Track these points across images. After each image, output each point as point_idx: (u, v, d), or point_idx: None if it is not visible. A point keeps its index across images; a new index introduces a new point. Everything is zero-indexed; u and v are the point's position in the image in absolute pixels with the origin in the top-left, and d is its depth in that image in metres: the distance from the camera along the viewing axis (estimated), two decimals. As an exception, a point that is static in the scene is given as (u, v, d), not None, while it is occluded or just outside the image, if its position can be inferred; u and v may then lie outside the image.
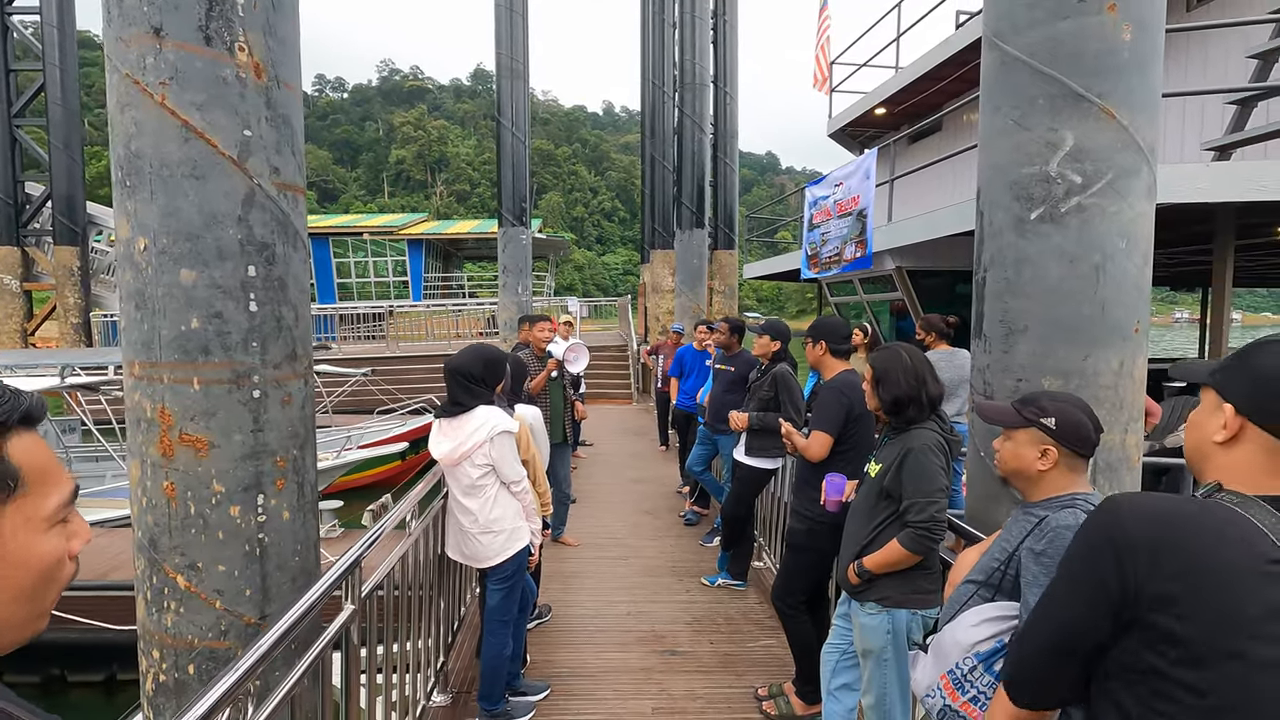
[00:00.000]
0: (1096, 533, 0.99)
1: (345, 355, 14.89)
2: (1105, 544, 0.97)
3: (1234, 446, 1.01)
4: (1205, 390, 1.09)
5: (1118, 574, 0.94)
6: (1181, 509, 0.95)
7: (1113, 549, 0.95)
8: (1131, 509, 0.97)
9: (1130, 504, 0.98)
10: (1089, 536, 1.01)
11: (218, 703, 1.23)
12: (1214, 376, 1.07)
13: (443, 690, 3.22)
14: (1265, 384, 0.99)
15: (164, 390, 2.24)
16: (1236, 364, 1.04)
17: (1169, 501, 0.98)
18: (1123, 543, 0.94)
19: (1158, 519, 0.94)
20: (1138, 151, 2.34)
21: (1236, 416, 1.01)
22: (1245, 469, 1.00)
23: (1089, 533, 1.01)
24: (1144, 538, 0.93)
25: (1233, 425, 1.01)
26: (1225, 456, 1.02)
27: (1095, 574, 0.97)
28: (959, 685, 1.45)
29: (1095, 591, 0.96)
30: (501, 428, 2.77)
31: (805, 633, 3.08)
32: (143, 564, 2.32)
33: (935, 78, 9.47)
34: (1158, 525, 0.93)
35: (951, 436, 2.33)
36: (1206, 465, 1.06)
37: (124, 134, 2.21)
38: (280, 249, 2.37)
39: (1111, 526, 0.97)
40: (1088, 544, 1.00)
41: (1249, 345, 1.05)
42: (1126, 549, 0.94)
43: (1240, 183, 4.46)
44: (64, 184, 17.60)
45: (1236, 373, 1.03)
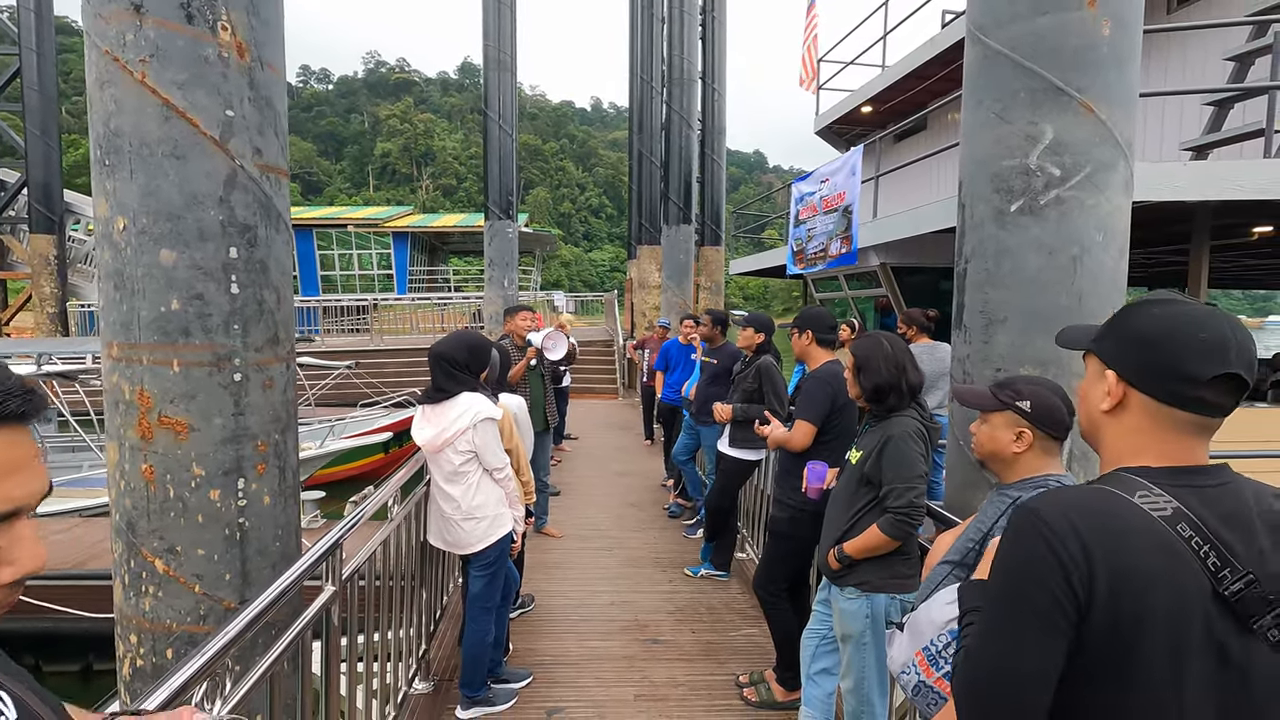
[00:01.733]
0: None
1: (328, 348, 14.76)
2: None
3: (1121, 414, 0.97)
4: (1089, 358, 1.04)
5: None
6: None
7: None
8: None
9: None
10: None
11: (194, 677, 1.22)
12: (1097, 343, 1.02)
13: (424, 678, 3.22)
14: (1144, 347, 0.95)
15: (143, 372, 2.21)
16: (1115, 328, 1.00)
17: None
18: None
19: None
20: (1115, 146, 2.38)
21: (1119, 383, 0.97)
22: (1139, 442, 0.96)
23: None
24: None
25: (1116, 393, 0.97)
26: (1114, 428, 0.98)
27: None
28: (933, 661, 1.48)
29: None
30: (485, 414, 2.77)
31: (786, 620, 3.10)
32: (120, 548, 2.29)
33: (920, 76, 9.55)
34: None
35: (931, 425, 2.36)
36: (1100, 440, 1.02)
37: (103, 112, 2.18)
38: (262, 231, 2.35)
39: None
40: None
41: (1126, 307, 1.01)
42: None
43: (1217, 182, 4.55)
44: (40, 171, 17.25)
45: (1115, 338, 0.99)
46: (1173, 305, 0.96)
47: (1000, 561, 0.95)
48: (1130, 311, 1.00)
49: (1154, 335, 0.94)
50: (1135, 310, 0.99)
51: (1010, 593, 0.92)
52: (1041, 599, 0.87)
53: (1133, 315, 0.99)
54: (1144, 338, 0.95)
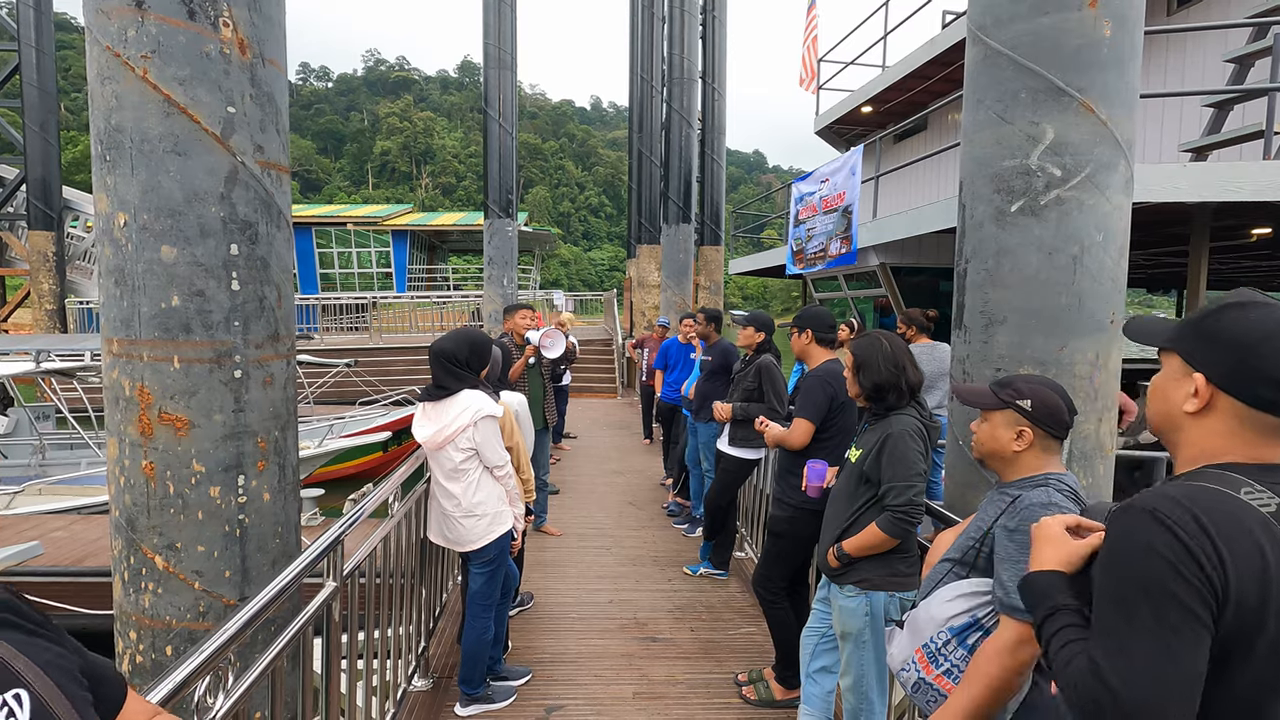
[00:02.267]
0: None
1: (328, 346, 14.75)
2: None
3: (1206, 416, 0.97)
4: (1167, 355, 1.03)
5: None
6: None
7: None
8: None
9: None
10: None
11: (196, 671, 1.22)
12: (1179, 344, 1.01)
13: (424, 675, 3.22)
14: (1239, 353, 0.93)
15: (143, 368, 2.21)
16: (1202, 329, 0.98)
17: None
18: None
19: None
20: (1115, 146, 2.38)
21: (1208, 386, 0.96)
22: (1223, 441, 0.95)
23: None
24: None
25: (1204, 395, 0.96)
26: (1198, 428, 0.98)
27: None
28: (933, 658, 1.48)
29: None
30: (485, 412, 2.77)
31: (785, 619, 3.11)
32: (120, 544, 2.29)
33: (921, 76, 9.55)
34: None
35: (930, 423, 2.36)
36: (1181, 438, 1.01)
37: (104, 107, 2.18)
38: (263, 228, 2.36)
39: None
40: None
41: (1212, 308, 0.99)
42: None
43: (1216, 183, 4.55)
44: (39, 167, 17.22)
45: (1204, 339, 0.98)
46: (1264, 309, 0.95)
47: (1123, 561, 0.90)
48: (1220, 314, 0.97)
49: (1250, 340, 0.93)
50: (1225, 313, 0.97)
51: (1146, 592, 0.87)
52: (1186, 595, 0.84)
53: (1224, 319, 0.97)
54: (1239, 342, 0.94)
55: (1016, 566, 1.42)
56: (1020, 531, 1.44)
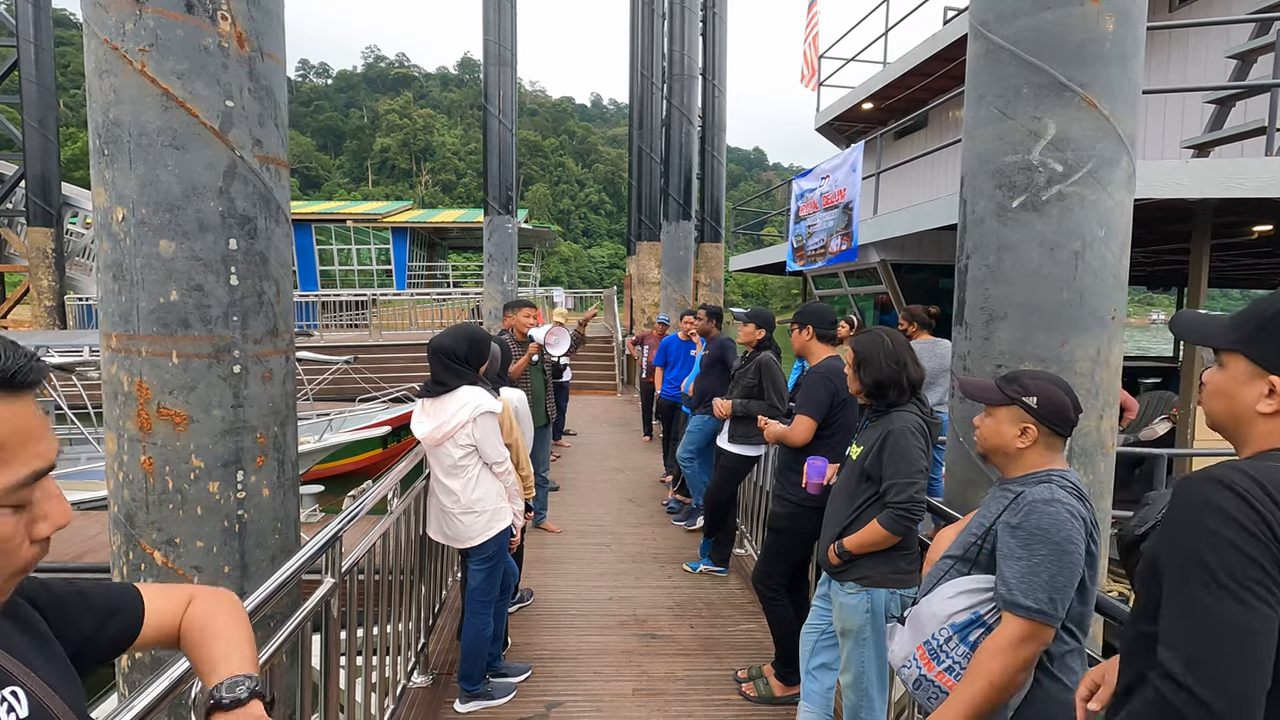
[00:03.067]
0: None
1: (327, 343, 14.73)
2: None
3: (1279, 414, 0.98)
4: (1231, 356, 1.04)
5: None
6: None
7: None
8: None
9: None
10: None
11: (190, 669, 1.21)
12: (1251, 348, 1.02)
13: (423, 671, 3.21)
14: None
15: (142, 363, 2.20)
16: (1272, 331, 0.99)
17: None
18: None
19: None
20: (1118, 141, 2.37)
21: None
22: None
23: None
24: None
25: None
26: (1270, 424, 0.99)
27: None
28: (934, 655, 1.48)
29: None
30: (485, 408, 2.76)
31: (785, 616, 3.10)
32: (119, 540, 2.29)
33: (922, 73, 9.53)
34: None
35: (932, 420, 2.36)
36: (1250, 432, 1.02)
37: (102, 101, 2.17)
38: (262, 223, 2.34)
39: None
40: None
41: (1274, 311, 1.00)
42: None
43: (1218, 180, 4.54)
44: (38, 164, 17.19)
45: (1277, 341, 0.99)
46: None
47: (1195, 532, 0.91)
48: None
49: None
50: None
51: (1219, 559, 0.88)
52: (1264, 556, 0.86)
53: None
54: None
55: (1019, 563, 1.41)
56: (1023, 528, 1.43)
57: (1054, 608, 1.39)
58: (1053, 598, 1.38)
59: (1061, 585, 1.39)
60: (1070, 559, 1.39)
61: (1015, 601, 1.39)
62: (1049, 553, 1.39)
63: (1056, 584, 1.39)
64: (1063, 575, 1.39)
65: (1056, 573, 1.39)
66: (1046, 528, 1.40)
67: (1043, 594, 1.38)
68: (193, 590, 1.00)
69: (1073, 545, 1.40)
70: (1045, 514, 1.41)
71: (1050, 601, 1.38)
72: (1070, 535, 1.40)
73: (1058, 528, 1.40)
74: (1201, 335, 1.10)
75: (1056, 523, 1.40)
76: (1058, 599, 1.39)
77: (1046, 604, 1.38)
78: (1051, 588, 1.38)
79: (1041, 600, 1.38)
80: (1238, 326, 1.04)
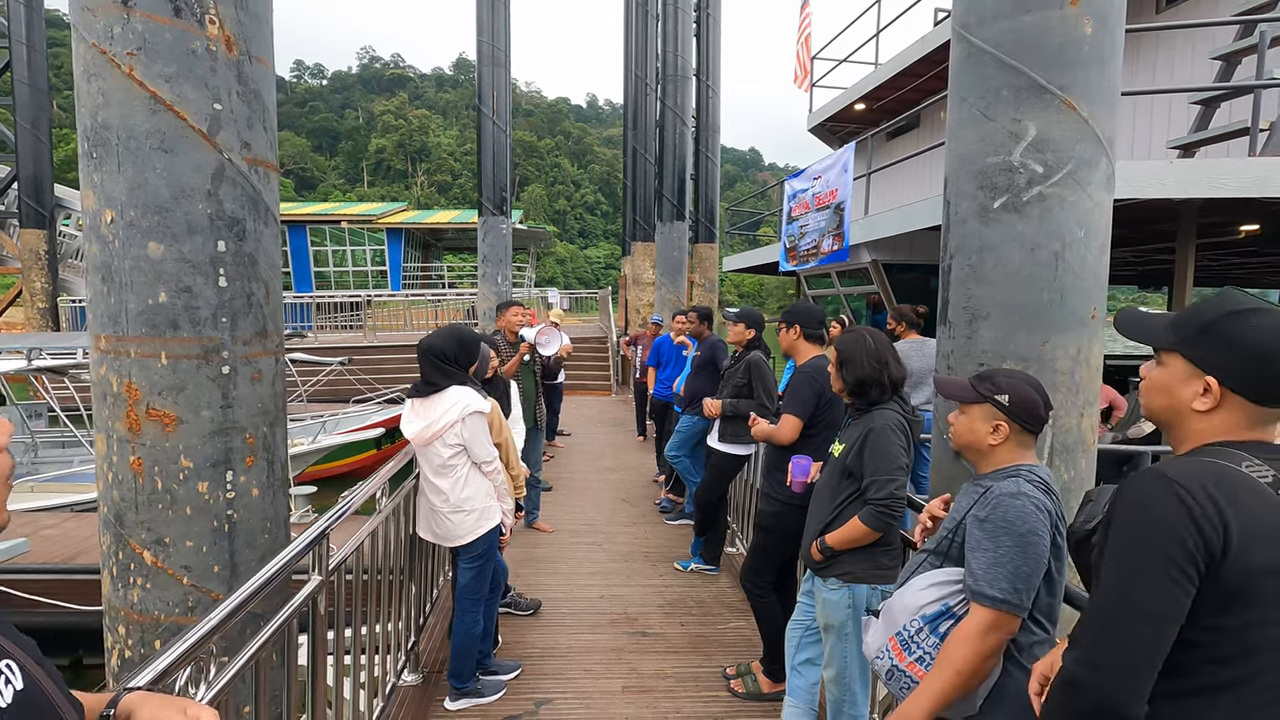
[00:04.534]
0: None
1: (322, 344, 14.72)
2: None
3: (1214, 412, 1.06)
4: (1170, 355, 1.11)
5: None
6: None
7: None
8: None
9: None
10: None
11: (177, 662, 1.24)
12: (1188, 349, 1.08)
13: (413, 670, 3.23)
14: (1256, 363, 1.02)
15: (131, 364, 2.22)
16: (1213, 336, 1.06)
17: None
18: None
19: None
20: (1097, 143, 2.41)
21: (1221, 388, 1.05)
22: (1225, 429, 1.05)
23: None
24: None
25: (1216, 396, 1.05)
26: (1205, 421, 1.07)
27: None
28: (905, 646, 1.51)
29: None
30: (473, 408, 2.79)
31: (772, 613, 3.13)
32: (109, 540, 2.31)
33: (913, 74, 9.58)
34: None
35: (913, 418, 2.39)
36: (1186, 426, 1.10)
37: (91, 104, 2.19)
38: (251, 225, 2.36)
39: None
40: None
41: (1213, 313, 1.07)
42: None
43: (1203, 180, 4.59)
44: (31, 165, 17.14)
45: (1217, 347, 1.05)
46: (1269, 317, 1.04)
47: (1130, 522, 1.00)
48: (1229, 322, 1.05)
49: (1266, 351, 1.02)
50: (1235, 321, 1.05)
51: (1143, 547, 0.97)
52: (1177, 554, 0.95)
53: (1237, 327, 1.04)
54: (1256, 353, 1.03)
55: (986, 554, 1.45)
56: (990, 521, 1.47)
57: (1018, 597, 1.43)
58: (1017, 588, 1.43)
59: (1026, 575, 1.43)
60: (1035, 550, 1.44)
61: (981, 591, 1.43)
62: (1013, 544, 1.43)
63: (1020, 574, 1.43)
64: (1027, 565, 1.43)
65: (1021, 563, 1.43)
66: (1012, 520, 1.44)
67: (1007, 584, 1.42)
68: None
69: (1037, 537, 1.44)
70: (1011, 507, 1.45)
71: (1015, 591, 1.42)
72: (1035, 527, 1.44)
73: (1022, 520, 1.44)
74: (1142, 333, 1.16)
75: (1021, 515, 1.44)
76: (1022, 589, 1.43)
77: (1011, 594, 1.42)
78: (1016, 578, 1.43)
79: (1006, 590, 1.42)
80: (1178, 328, 1.10)
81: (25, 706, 0.72)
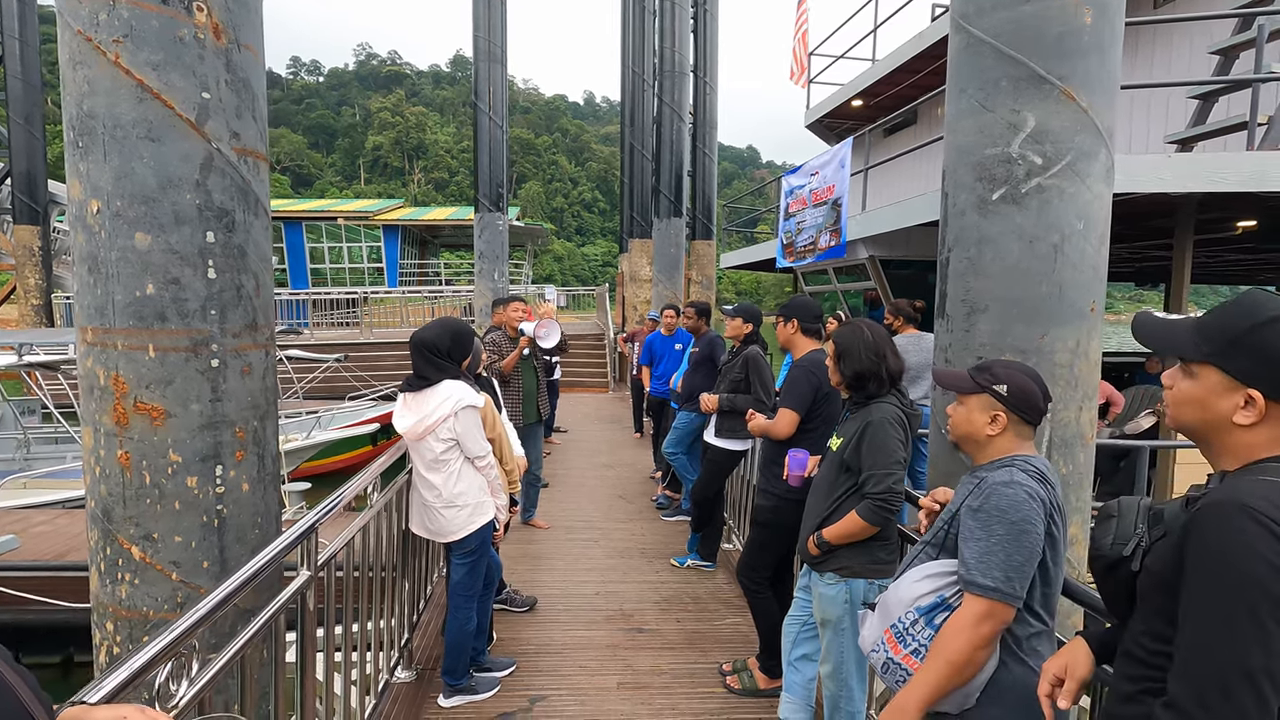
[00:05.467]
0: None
1: (318, 341, 14.67)
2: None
3: (1258, 425, 0.99)
4: (1203, 367, 1.03)
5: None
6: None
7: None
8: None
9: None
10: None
11: (156, 657, 1.21)
12: (1222, 360, 1.01)
13: (407, 667, 3.21)
14: None
15: (118, 357, 2.19)
16: (1252, 347, 0.98)
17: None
18: None
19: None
20: (1096, 134, 2.39)
21: (1265, 400, 0.97)
22: (1273, 441, 0.98)
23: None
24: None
25: (1261, 409, 0.98)
26: (1251, 435, 1.00)
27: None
28: (900, 638, 1.49)
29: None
30: (466, 402, 2.76)
31: (769, 609, 3.11)
32: (96, 535, 2.27)
33: (910, 70, 9.55)
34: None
35: (911, 411, 2.36)
36: (1228, 441, 1.03)
37: (76, 93, 2.15)
38: (240, 216, 2.33)
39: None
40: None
41: (1251, 320, 0.99)
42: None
43: (1201, 174, 4.57)
44: (24, 161, 17.05)
45: (1258, 357, 0.98)
46: None
47: (1225, 564, 0.91)
48: (1270, 330, 0.98)
49: None
50: (1268, 326, 0.98)
51: (1245, 594, 0.88)
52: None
53: (1267, 332, 0.98)
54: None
55: (978, 543, 1.44)
56: (983, 510, 1.45)
57: (1011, 586, 1.41)
58: (1009, 576, 1.41)
59: (1019, 564, 1.42)
60: (1028, 539, 1.42)
61: (973, 580, 1.41)
62: (1006, 533, 1.41)
63: (1013, 563, 1.41)
64: (1019, 554, 1.41)
65: (1013, 552, 1.41)
66: (1004, 509, 1.43)
67: (999, 573, 1.41)
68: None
69: (1030, 526, 1.42)
70: (1004, 495, 1.44)
71: (1007, 580, 1.41)
72: (1028, 516, 1.42)
73: (1015, 508, 1.42)
74: (1168, 344, 1.09)
75: (1014, 504, 1.43)
76: (1015, 578, 1.42)
77: (1004, 582, 1.41)
78: (1008, 567, 1.41)
79: (999, 579, 1.41)
80: (1207, 338, 1.03)
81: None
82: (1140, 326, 1.13)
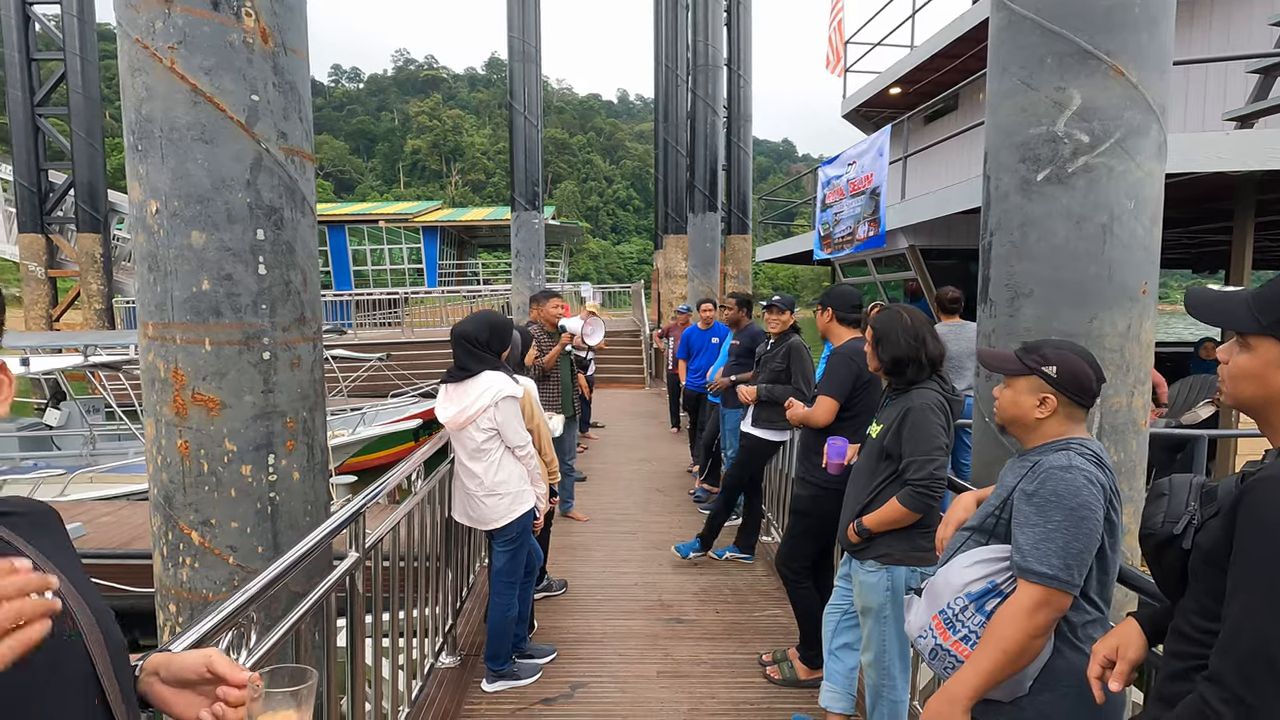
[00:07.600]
0: None
1: (361, 341, 15.04)
2: None
3: None
4: (1260, 340, 1.00)
5: None
6: None
7: None
8: None
9: None
10: None
11: (219, 626, 1.27)
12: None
13: (451, 652, 3.28)
14: None
15: (176, 351, 2.29)
16: None
17: None
18: None
19: None
20: (1147, 109, 2.30)
21: None
22: None
23: None
24: None
25: None
26: None
27: None
28: (950, 624, 1.46)
29: None
30: (506, 392, 2.81)
31: (809, 598, 3.09)
32: (159, 520, 2.38)
33: (950, 55, 9.33)
34: None
35: (953, 397, 2.32)
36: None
37: (135, 98, 2.25)
38: (288, 213, 2.41)
39: None
40: None
41: None
42: None
43: (1262, 151, 4.37)
44: (86, 172, 17.86)
45: None
46: None
47: (1268, 529, 0.88)
48: None
49: None
50: None
51: None
52: None
53: None
54: None
55: (1034, 529, 1.39)
56: (1038, 495, 1.40)
57: (1069, 574, 1.36)
58: (1068, 564, 1.36)
59: (1077, 551, 1.36)
60: (1087, 525, 1.37)
61: (1029, 568, 1.37)
62: (1064, 519, 1.36)
63: (1072, 550, 1.36)
64: (1078, 541, 1.36)
65: (1072, 539, 1.36)
66: (1062, 493, 1.37)
67: (1057, 560, 1.36)
68: None
69: (1089, 511, 1.37)
70: (1061, 480, 1.38)
71: (1065, 568, 1.35)
72: (1087, 501, 1.37)
73: (1074, 493, 1.37)
74: (1223, 317, 1.05)
75: (1073, 489, 1.37)
76: (1074, 565, 1.36)
77: (1061, 570, 1.35)
78: (1066, 554, 1.36)
79: (1056, 566, 1.35)
80: (1264, 310, 1.00)
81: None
82: (1194, 300, 1.09)
